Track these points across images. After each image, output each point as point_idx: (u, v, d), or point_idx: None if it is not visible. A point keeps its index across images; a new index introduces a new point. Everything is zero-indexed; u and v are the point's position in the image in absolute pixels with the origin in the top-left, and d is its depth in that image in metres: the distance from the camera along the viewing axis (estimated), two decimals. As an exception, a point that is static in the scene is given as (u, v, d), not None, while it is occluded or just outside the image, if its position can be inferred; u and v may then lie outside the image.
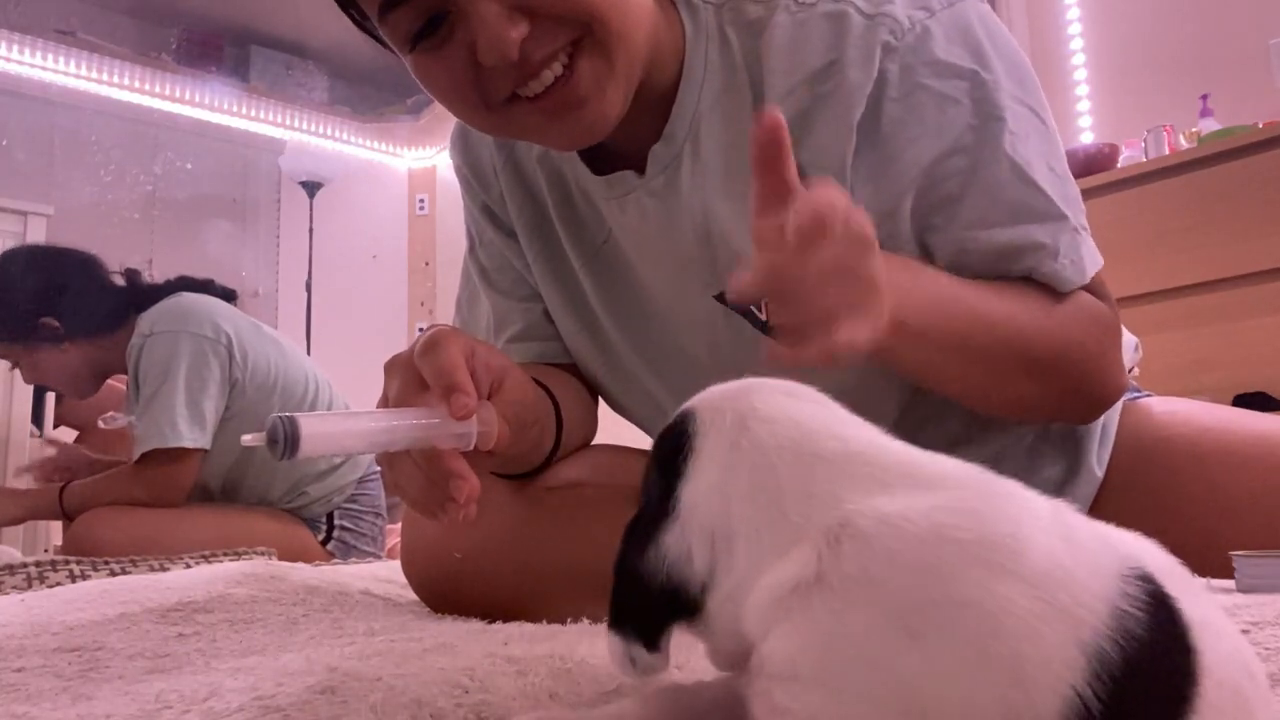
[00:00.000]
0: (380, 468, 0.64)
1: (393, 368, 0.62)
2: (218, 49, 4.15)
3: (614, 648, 0.37)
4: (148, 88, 3.91)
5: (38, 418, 2.46)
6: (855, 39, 0.73)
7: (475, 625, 0.75)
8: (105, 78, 3.83)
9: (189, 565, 1.33)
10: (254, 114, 4.20)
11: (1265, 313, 2.33)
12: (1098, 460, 0.86)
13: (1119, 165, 2.72)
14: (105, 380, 2.04)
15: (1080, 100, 3.22)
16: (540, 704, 0.46)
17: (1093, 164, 2.70)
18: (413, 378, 0.60)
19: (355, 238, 4.37)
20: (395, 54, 0.75)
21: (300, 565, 1.17)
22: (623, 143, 0.82)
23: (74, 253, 1.99)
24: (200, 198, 4.07)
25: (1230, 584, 0.69)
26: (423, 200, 4.60)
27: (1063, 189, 0.76)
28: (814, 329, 0.52)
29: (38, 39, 3.65)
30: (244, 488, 1.91)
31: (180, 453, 1.77)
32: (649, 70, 0.77)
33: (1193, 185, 2.46)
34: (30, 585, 1.16)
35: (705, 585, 0.35)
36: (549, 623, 0.73)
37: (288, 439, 0.50)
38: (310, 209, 4.14)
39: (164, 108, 3.99)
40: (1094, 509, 0.86)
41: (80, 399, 2.13)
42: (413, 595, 0.92)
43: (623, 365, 0.91)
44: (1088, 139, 3.13)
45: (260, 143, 4.23)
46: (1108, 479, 0.86)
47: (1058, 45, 3.25)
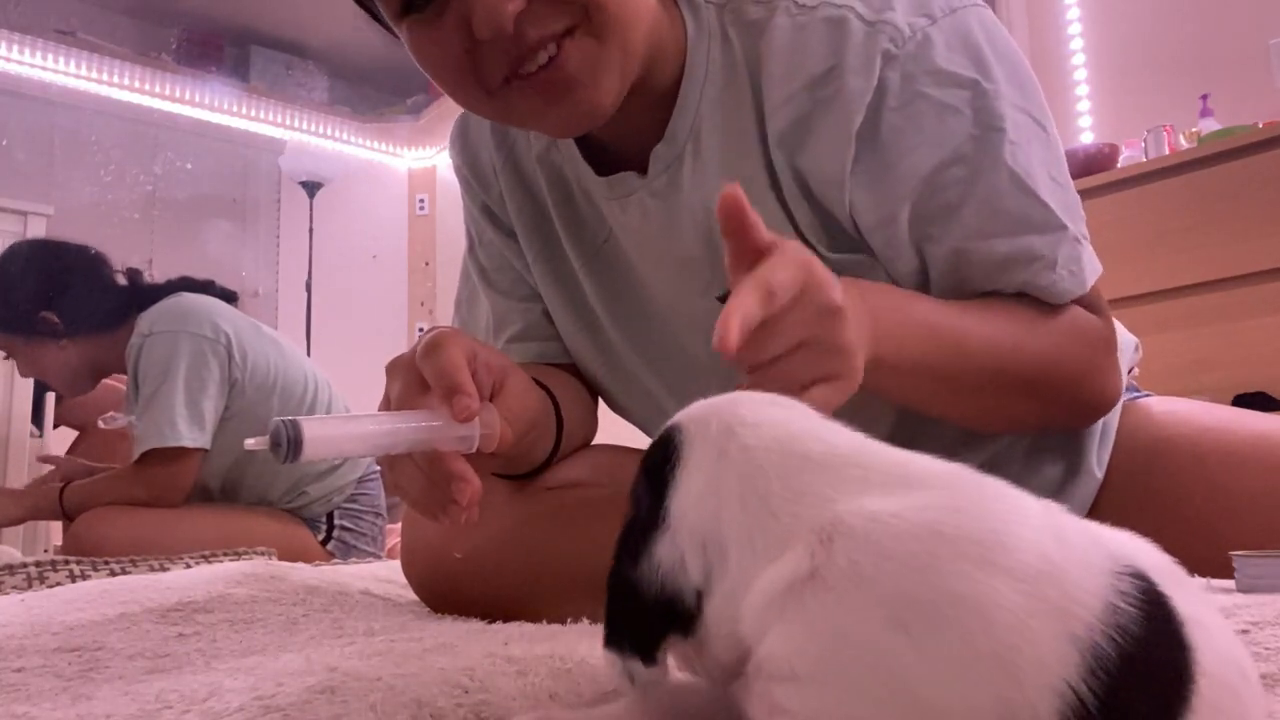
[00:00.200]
0: (381, 468, 0.64)
1: (394, 369, 0.62)
2: (218, 49, 4.15)
3: (611, 663, 0.37)
4: (148, 88, 3.92)
5: (38, 418, 2.46)
6: (855, 46, 0.72)
7: (475, 625, 0.75)
8: (105, 78, 3.83)
9: (189, 565, 1.33)
10: (254, 114, 4.20)
11: (1265, 313, 2.33)
12: (1097, 461, 0.86)
13: (1119, 165, 2.72)
14: (101, 379, 2.04)
15: (1080, 100, 3.22)
16: (540, 704, 0.46)
17: (1093, 164, 2.70)
18: (414, 379, 0.60)
19: (355, 238, 4.38)
20: (392, 32, 0.75)
21: (300, 565, 1.17)
22: (625, 143, 0.82)
23: (80, 249, 1.99)
24: (200, 198, 4.07)
25: (1230, 584, 0.69)
26: (423, 200, 4.61)
27: (1063, 197, 0.75)
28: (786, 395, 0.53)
29: (38, 39, 3.65)
30: (244, 488, 1.91)
31: (180, 452, 1.76)
32: (651, 68, 0.77)
33: (1193, 185, 2.46)
34: (30, 585, 1.16)
35: (700, 593, 0.35)
36: (549, 623, 0.73)
37: (291, 443, 0.50)
38: (310, 209, 4.15)
39: (164, 108, 4.00)
40: (1094, 509, 0.86)
41: (74, 396, 2.13)
42: (413, 595, 0.92)
43: (622, 365, 0.91)
44: (1088, 139, 3.13)
45: (260, 143, 4.24)
46: (1108, 479, 0.86)
47: (1058, 45, 3.25)
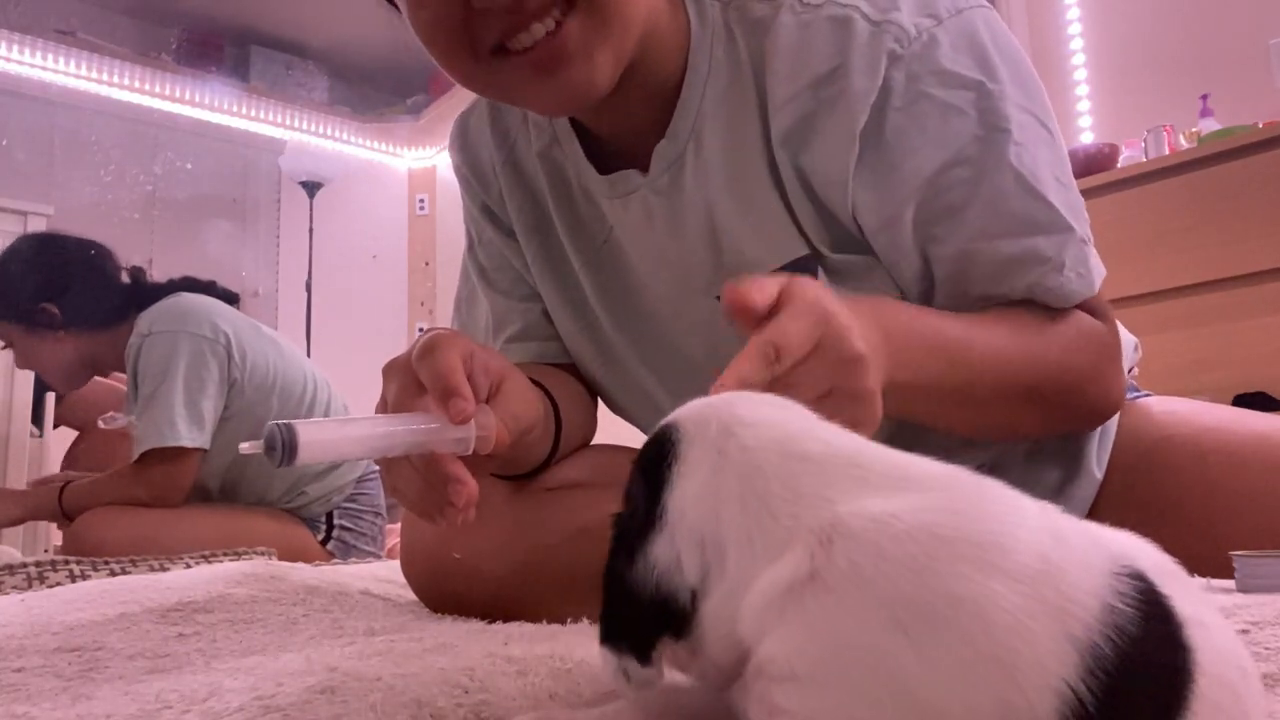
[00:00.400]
0: (379, 469, 0.63)
1: (391, 371, 0.62)
2: (218, 49, 4.15)
3: (607, 662, 0.36)
4: (148, 88, 3.92)
5: (38, 418, 2.46)
6: (860, 45, 0.72)
7: (475, 625, 0.75)
8: (105, 78, 3.84)
9: (189, 565, 1.33)
10: (254, 114, 4.20)
11: (1265, 313, 2.33)
12: (1097, 462, 0.86)
13: (1119, 165, 2.72)
14: (97, 375, 2.04)
15: (1080, 100, 3.21)
16: (540, 704, 0.46)
17: (1093, 164, 2.70)
18: (410, 381, 0.60)
19: (355, 238, 4.38)
20: (393, 3, 0.74)
21: (300, 565, 1.17)
22: (627, 141, 0.82)
23: (86, 244, 1.99)
24: (200, 198, 4.07)
25: (1230, 584, 0.69)
26: (423, 200, 4.61)
27: (1069, 199, 0.75)
28: None
29: (38, 39, 3.66)
30: (243, 488, 1.91)
31: (179, 452, 1.76)
32: (652, 61, 0.76)
33: (1193, 185, 2.46)
34: (30, 585, 1.16)
35: (696, 593, 0.35)
36: (549, 623, 0.73)
37: (285, 447, 0.50)
38: (310, 209, 4.15)
39: (164, 108, 4.00)
40: (1094, 510, 0.86)
41: (68, 391, 2.13)
42: (413, 595, 0.92)
43: (621, 365, 0.91)
44: (1088, 139, 3.13)
45: (260, 143, 4.24)
46: (1108, 480, 0.86)
47: (1058, 45, 3.25)
